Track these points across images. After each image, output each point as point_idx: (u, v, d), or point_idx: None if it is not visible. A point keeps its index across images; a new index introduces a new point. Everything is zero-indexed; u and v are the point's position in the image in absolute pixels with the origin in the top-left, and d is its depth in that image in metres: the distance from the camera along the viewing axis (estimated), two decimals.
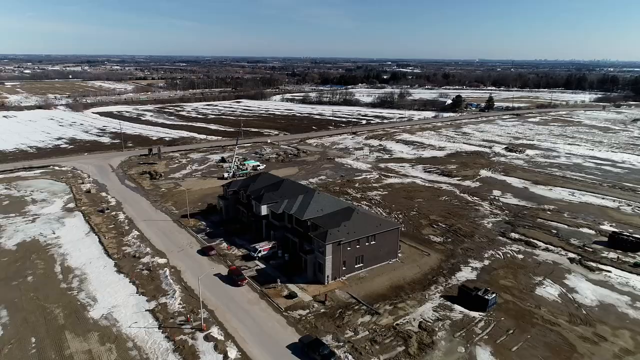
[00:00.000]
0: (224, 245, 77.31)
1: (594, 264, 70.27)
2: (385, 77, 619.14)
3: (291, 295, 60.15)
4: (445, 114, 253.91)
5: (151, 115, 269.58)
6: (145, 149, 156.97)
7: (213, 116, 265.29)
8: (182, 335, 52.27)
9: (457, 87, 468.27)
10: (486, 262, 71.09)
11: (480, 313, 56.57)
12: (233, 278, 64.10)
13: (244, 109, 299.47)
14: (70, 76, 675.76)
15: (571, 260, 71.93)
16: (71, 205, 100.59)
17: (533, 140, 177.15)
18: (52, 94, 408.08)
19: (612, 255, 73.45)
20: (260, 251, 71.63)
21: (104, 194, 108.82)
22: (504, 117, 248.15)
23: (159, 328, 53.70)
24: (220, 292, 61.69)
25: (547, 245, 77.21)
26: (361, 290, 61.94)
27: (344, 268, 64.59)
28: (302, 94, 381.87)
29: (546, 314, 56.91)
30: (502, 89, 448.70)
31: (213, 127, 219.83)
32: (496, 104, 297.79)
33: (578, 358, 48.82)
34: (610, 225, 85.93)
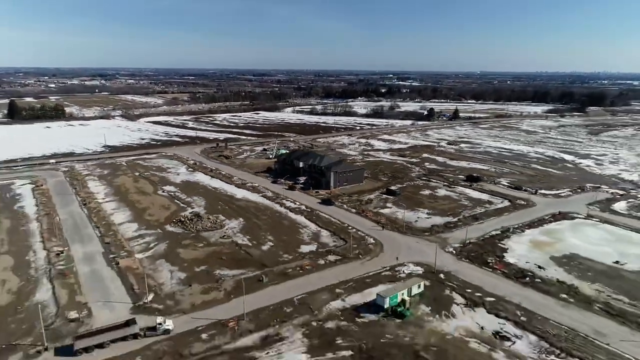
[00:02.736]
0: (282, 180, 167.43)
1: (452, 186, 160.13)
2: (382, 90, 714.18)
3: (317, 192, 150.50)
4: (420, 122, 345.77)
5: (192, 124, 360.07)
6: (212, 143, 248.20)
7: (242, 124, 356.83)
8: (277, 199, 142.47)
9: (442, 100, 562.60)
10: (404, 185, 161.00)
11: (393, 197, 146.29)
12: (291, 188, 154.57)
13: (264, 119, 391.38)
14: (97, 90, 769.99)
15: (443, 185, 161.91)
16: (190, 170, 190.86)
17: (471, 139, 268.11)
18: (97, 106, 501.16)
19: (464, 183, 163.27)
20: (300, 181, 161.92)
21: (204, 165, 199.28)
22: (463, 124, 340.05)
23: (266, 199, 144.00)
24: (286, 192, 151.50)
25: (437, 181, 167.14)
26: (345, 191, 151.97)
27: (338, 183, 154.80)
28: (309, 107, 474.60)
29: (419, 197, 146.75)
30: (480, 102, 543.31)
31: (247, 131, 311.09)
32: (465, 115, 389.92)
33: (423, 204, 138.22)
34: (475, 175, 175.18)
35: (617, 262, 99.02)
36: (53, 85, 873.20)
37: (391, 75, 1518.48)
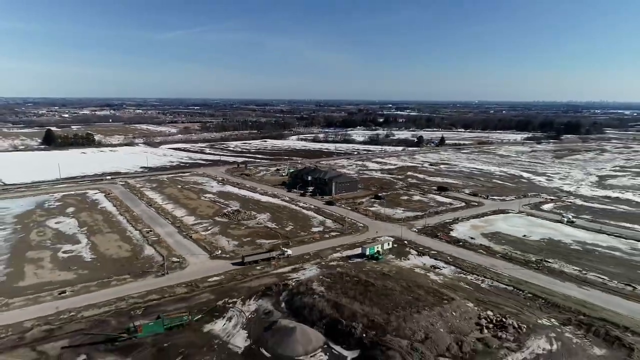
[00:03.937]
0: (295, 190, 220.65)
1: (425, 194, 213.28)
2: (380, 120, 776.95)
3: (322, 197, 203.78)
4: (410, 148, 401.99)
5: (209, 150, 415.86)
6: (232, 165, 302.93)
7: (254, 150, 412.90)
8: (292, 202, 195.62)
9: (434, 129, 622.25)
10: (389, 193, 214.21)
11: (380, 200, 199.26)
12: (302, 195, 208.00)
13: (273, 146, 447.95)
14: (110, 119, 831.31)
15: (418, 193, 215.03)
16: (221, 183, 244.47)
17: (450, 161, 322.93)
18: (118, 135, 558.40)
19: (435, 192, 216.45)
20: (309, 190, 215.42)
21: (230, 180, 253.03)
22: (448, 150, 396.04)
23: (284, 202, 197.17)
24: (299, 198, 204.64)
25: (414, 191, 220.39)
26: (343, 197, 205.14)
27: (338, 191, 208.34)
28: (312, 135, 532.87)
29: (399, 200, 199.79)
30: (468, 130, 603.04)
31: (259, 156, 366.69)
32: (452, 142, 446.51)
33: (401, 205, 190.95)
34: (445, 186, 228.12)
35: (524, 235, 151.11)
36: (67, 115, 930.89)
37: (390, 105, 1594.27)
